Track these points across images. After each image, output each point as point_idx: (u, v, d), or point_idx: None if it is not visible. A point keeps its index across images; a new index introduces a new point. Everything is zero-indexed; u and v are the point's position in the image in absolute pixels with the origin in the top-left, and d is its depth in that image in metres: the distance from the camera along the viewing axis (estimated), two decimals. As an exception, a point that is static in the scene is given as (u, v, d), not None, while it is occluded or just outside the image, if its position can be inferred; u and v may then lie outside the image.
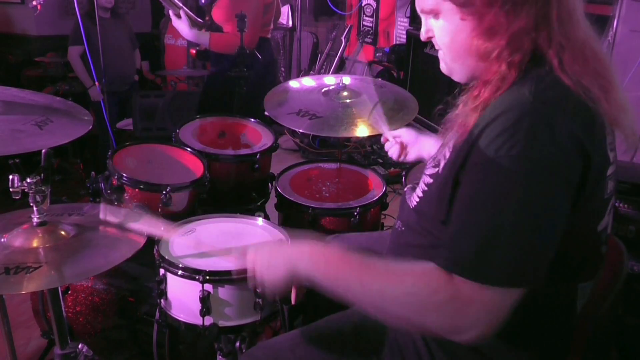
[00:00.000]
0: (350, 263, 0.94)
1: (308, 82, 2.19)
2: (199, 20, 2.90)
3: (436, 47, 1.03)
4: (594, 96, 0.86)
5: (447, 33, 0.97)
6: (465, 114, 0.93)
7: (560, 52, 0.88)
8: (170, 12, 2.72)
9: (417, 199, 1.06)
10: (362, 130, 1.87)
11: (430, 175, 1.01)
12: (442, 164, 0.97)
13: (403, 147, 1.58)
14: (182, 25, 2.68)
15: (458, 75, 1.02)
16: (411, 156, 1.57)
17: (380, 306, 0.89)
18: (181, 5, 2.70)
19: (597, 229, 0.94)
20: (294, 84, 2.20)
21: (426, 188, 1.02)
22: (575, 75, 0.86)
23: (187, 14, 2.71)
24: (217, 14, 2.82)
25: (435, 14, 0.97)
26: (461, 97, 1.00)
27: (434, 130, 1.67)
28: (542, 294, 0.91)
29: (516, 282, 0.82)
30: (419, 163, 2.19)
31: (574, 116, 0.83)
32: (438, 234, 0.99)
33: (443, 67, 1.04)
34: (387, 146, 1.62)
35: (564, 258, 0.90)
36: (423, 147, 1.54)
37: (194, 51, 3.50)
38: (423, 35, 1.04)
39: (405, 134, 1.59)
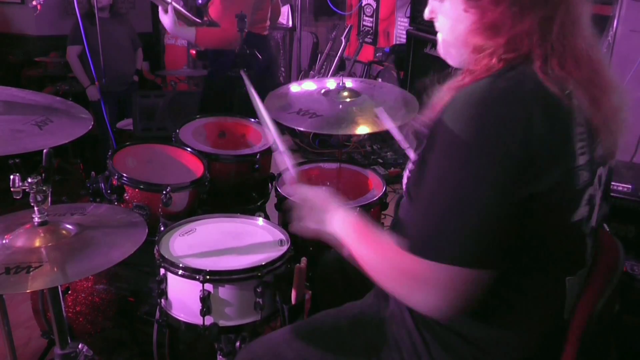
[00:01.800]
0: (364, 231, 1.05)
1: (309, 85, 2.19)
2: (197, 19, 2.89)
3: (436, 29, 1.04)
4: (574, 96, 0.87)
5: (448, 19, 0.99)
6: (441, 96, 0.97)
7: (548, 55, 0.88)
8: (159, 8, 2.70)
9: (404, 185, 1.11)
10: (362, 128, 1.87)
11: (414, 162, 1.05)
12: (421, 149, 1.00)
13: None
14: (166, 20, 2.66)
15: (452, 61, 1.04)
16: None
17: (369, 268, 1.00)
18: (174, 4, 2.69)
19: (572, 219, 0.93)
20: (294, 88, 2.19)
21: (409, 174, 1.06)
22: (558, 79, 0.87)
23: (177, 11, 2.69)
24: (213, 11, 2.81)
25: None
26: (447, 81, 1.02)
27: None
28: (529, 286, 0.95)
29: (458, 260, 0.85)
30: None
31: (527, 100, 0.85)
32: None
33: (440, 50, 1.05)
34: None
35: (543, 249, 0.92)
36: None
37: (193, 52, 3.49)
38: (426, 14, 1.05)
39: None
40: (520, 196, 0.85)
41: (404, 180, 1.12)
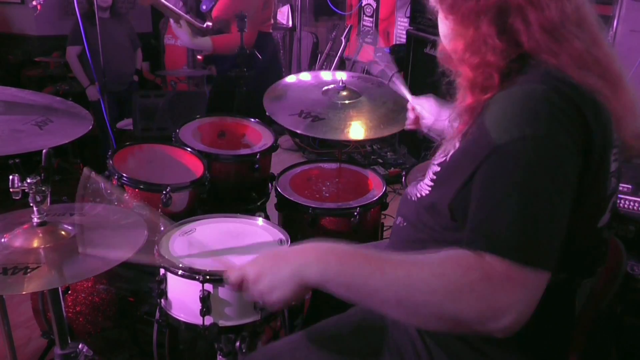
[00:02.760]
0: (366, 256, 0.86)
1: (305, 77, 2.19)
2: (201, 26, 2.90)
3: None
4: (602, 93, 0.87)
5: (440, 20, 1.01)
6: (463, 111, 0.95)
7: (558, 57, 0.88)
8: (171, 21, 2.73)
9: (424, 191, 1.06)
10: (363, 133, 1.87)
11: (439, 164, 1.01)
12: (451, 153, 0.98)
13: (417, 118, 1.59)
14: (183, 35, 2.70)
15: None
16: (427, 124, 1.57)
17: (405, 296, 0.81)
18: (182, 13, 2.71)
19: (598, 225, 0.93)
20: (290, 78, 2.19)
21: (435, 177, 1.02)
22: (582, 77, 0.86)
23: (188, 22, 2.71)
24: (222, 14, 2.82)
25: None
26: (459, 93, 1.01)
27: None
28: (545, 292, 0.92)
29: (544, 263, 0.80)
30: (419, 164, 2.19)
31: (583, 109, 0.83)
32: (440, 228, 0.99)
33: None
34: (408, 120, 1.63)
35: (565, 251, 0.88)
36: (441, 118, 1.51)
37: (200, 57, 3.49)
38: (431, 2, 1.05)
39: (425, 104, 1.57)
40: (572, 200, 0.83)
41: (418, 191, 1.07)
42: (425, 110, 1.57)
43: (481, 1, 0.90)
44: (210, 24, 2.89)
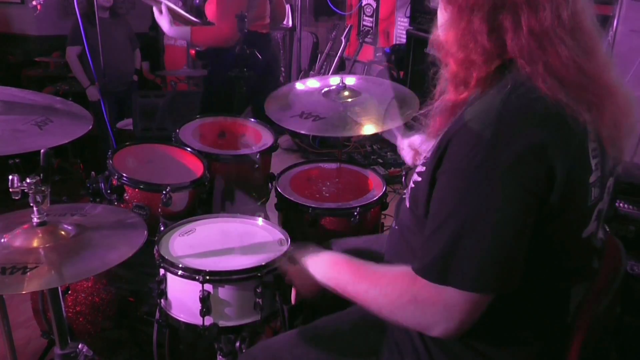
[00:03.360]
0: (349, 265, 1.04)
1: (312, 83, 2.19)
2: (193, 19, 2.88)
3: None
4: (574, 108, 0.86)
5: (439, 9, 1.02)
6: (442, 108, 0.99)
7: (534, 65, 0.88)
8: (154, 9, 2.68)
9: (407, 199, 1.08)
10: (366, 129, 1.87)
11: (419, 173, 1.03)
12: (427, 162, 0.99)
13: (417, 153, 1.60)
14: (163, 21, 2.64)
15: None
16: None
17: (367, 305, 0.98)
18: (164, 1, 2.67)
19: (582, 236, 0.94)
20: (298, 86, 2.19)
21: (414, 186, 1.04)
22: (552, 89, 0.86)
23: (172, 11, 2.67)
24: (209, 9, 2.80)
25: None
26: (439, 86, 1.03)
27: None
28: (533, 296, 0.94)
29: (474, 287, 0.84)
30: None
31: (542, 125, 0.84)
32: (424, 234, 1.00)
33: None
34: (402, 153, 1.65)
35: (551, 263, 0.92)
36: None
37: (193, 51, 3.46)
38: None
39: (418, 140, 1.60)
40: (533, 220, 0.85)
41: (408, 191, 1.10)
42: (417, 145, 1.60)
43: None
44: (204, 18, 2.87)
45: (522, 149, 0.82)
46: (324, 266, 1.09)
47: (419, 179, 1.01)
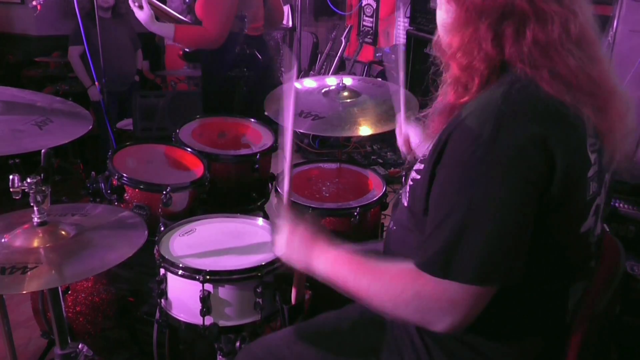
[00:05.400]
0: (350, 260, 1.01)
1: (309, 83, 2.19)
2: (180, 17, 2.84)
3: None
4: (576, 105, 0.87)
5: (440, 5, 1.01)
6: (442, 109, 0.98)
7: (536, 70, 0.88)
8: (133, 5, 2.56)
9: (405, 198, 1.08)
10: (365, 130, 1.87)
11: (417, 171, 1.03)
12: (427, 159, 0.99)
13: (407, 140, 1.60)
14: (142, 15, 2.49)
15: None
16: (413, 146, 1.59)
17: (369, 301, 0.96)
18: None
19: (580, 231, 0.94)
20: (297, 85, 2.19)
21: (412, 183, 1.04)
22: (559, 92, 0.87)
23: (156, 7, 2.60)
24: (197, 7, 2.76)
25: None
26: (441, 89, 1.02)
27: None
28: (531, 293, 0.94)
29: (478, 280, 0.84)
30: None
31: (541, 118, 0.85)
32: (421, 234, 1.00)
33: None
34: (398, 138, 1.65)
35: (549, 259, 0.92)
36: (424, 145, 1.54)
37: (180, 52, 3.40)
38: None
39: (413, 130, 1.59)
40: (534, 211, 0.85)
41: (405, 195, 1.10)
42: (412, 134, 1.60)
43: (487, 0, 0.89)
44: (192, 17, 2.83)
45: (522, 141, 0.83)
46: (326, 260, 1.04)
47: (418, 176, 1.02)
